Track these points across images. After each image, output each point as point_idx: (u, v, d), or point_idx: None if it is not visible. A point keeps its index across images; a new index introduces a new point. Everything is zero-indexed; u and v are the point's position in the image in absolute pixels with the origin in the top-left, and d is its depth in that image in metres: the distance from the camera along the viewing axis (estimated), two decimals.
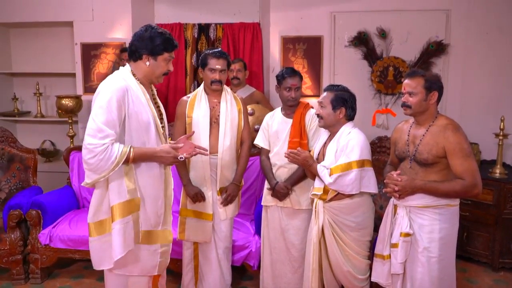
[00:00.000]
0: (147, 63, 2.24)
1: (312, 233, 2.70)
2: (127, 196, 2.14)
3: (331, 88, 2.71)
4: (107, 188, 2.17)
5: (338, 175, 2.54)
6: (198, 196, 2.91)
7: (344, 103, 2.64)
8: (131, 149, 2.13)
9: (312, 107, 3.07)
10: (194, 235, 2.98)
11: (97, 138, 2.05)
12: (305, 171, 2.82)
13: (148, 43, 2.21)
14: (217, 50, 2.93)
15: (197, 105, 2.94)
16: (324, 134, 2.83)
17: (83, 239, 3.35)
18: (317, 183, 2.69)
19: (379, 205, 3.50)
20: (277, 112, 3.10)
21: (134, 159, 2.15)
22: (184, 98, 3.02)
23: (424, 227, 2.38)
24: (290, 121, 3.00)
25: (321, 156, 2.77)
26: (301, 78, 3.02)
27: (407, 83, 2.39)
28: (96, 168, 2.07)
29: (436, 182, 2.34)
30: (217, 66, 2.87)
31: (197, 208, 2.96)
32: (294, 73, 2.97)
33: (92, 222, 2.20)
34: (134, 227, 2.17)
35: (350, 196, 2.62)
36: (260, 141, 3.14)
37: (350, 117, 2.68)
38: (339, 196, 2.63)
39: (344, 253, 2.66)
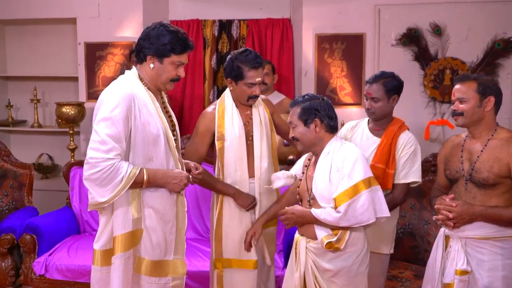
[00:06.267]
0: (151, 65, 2.22)
1: (294, 281, 2.42)
2: (131, 226, 2.18)
3: (296, 102, 2.42)
4: (112, 214, 2.21)
5: (347, 204, 2.21)
6: (254, 204, 2.73)
7: (315, 113, 2.34)
8: (144, 171, 2.13)
9: (408, 128, 2.76)
10: None
11: (101, 152, 2.06)
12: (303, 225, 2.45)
13: (154, 42, 2.19)
14: (252, 56, 2.65)
15: (229, 122, 2.71)
16: (302, 159, 2.57)
17: (83, 270, 3.30)
18: (321, 232, 2.31)
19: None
20: (363, 125, 2.82)
21: (150, 183, 2.16)
22: (209, 110, 2.78)
23: (484, 263, 2.26)
24: (377, 140, 2.71)
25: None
26: (386, 90, 2.68)
27: (457, 89, 2.35)
28: (101, 184, 2.08)
29: (499, 208, 2.22)
30: (257, 80, 2.63)
31: (238, 256, 2.72)
32: (374, 80, 2.70)
33: (98, 249, 2.26)
34: (133, 262, 2.22)
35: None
36: None
37: (331, 128, 2.38)
38: None
39: None
